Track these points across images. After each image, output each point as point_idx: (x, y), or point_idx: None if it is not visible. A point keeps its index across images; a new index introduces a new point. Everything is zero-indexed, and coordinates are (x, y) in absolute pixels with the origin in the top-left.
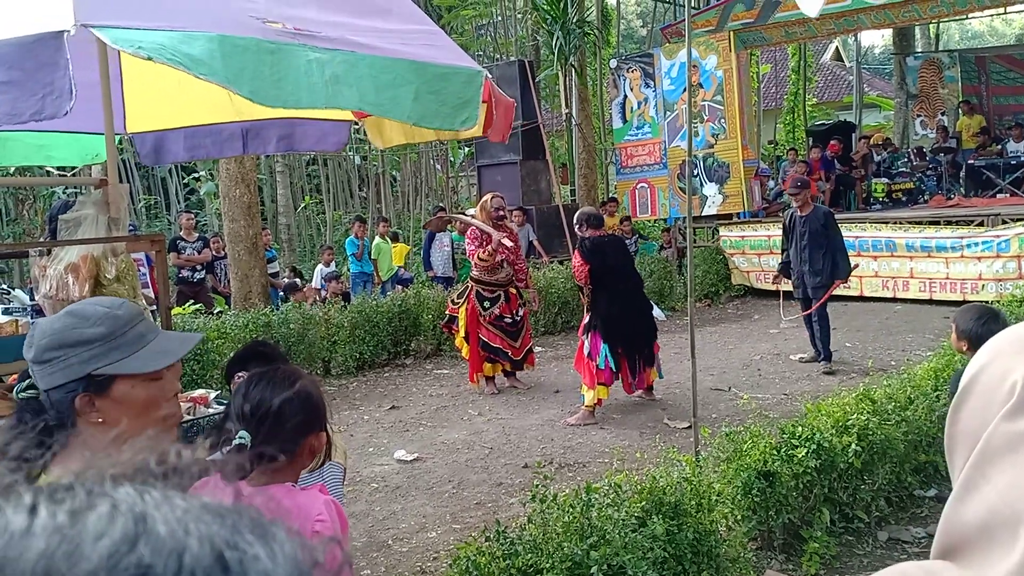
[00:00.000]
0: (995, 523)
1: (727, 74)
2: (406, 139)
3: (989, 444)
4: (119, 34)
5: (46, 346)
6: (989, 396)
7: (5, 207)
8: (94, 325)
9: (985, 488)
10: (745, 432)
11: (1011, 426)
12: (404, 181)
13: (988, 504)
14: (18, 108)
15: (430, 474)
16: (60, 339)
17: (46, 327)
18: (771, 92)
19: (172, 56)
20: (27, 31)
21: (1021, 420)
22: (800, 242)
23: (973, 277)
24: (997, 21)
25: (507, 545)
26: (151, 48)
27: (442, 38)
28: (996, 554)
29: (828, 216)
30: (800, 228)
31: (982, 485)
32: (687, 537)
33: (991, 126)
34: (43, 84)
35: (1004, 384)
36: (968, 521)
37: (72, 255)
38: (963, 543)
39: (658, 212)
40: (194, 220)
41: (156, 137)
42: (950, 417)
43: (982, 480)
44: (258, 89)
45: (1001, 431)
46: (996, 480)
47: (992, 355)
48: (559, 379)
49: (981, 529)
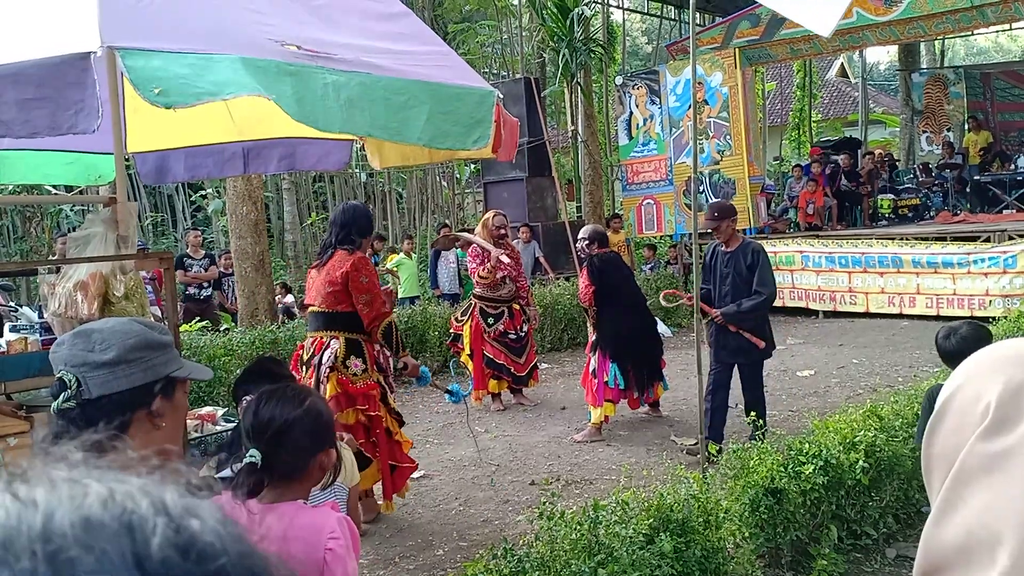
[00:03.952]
0: (973, 545)
1: (732, 91)
2: (402, 161)
3: (964, 465)
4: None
5: (133, 346)
6: (963, 418)
7: (12, 225)
8: (161, 333)
9: (963, 510)
10: (752, 449)
11: (986, 446)
12: (410, 198)
13: (966, 526)
14: (57, 121)
15: (437, 491)
16: (146, 340)
17: (121, 329)
18: (776, 109)
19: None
20: (54, 52)
21: (995, 441)
22: (722, 285)
23: (980, 293)
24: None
25: (515, 563)
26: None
27: (454, 59)
28: (980, 570)
29: (757, 255)
30: (723, 268)
31: (959, 507)
32: (695, 554)
33: (996, 142)
34: (74, 101)
35: (978, 405)
36: (947, 543)
37: (81, 273)
38: (943, 565)
39: (664, 228)
40: (201, 238)
41: (157, 157)
42: (926, 439)
43: (959, 502)
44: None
45: (976, 452)
46: (972, 502)
47: (966, 376)
48: (565, 396)
49: (959, 551)
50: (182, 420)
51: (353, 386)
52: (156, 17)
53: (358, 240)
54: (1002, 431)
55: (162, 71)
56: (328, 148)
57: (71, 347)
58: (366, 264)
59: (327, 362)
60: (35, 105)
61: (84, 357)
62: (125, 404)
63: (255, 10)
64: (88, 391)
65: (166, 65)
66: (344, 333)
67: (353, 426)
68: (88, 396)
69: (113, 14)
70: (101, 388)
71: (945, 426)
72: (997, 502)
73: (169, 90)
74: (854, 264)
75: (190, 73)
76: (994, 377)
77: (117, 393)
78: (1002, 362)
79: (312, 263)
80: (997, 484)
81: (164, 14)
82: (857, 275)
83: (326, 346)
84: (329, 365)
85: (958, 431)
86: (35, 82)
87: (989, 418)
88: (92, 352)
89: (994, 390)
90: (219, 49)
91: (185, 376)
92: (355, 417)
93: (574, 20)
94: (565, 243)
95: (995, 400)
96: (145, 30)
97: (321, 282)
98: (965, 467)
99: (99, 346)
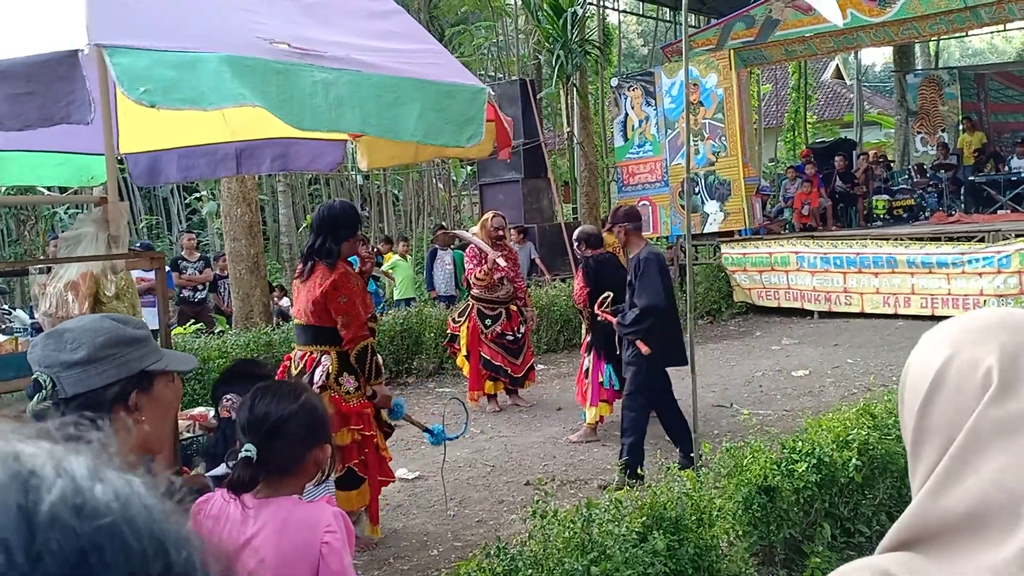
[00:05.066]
0: (988, 509)
1: (727, 92)
2: (389, 161)
3: (976, 432)
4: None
5: (104, 343)
6: (962, 385)
7: (7, 228)
8: (136, 328)
9: (972, 476)
10: (746, 447)
11: (997, 411)
12: (406, 200)
13: (977, 491)
14: (47, 112)
15: (432, 492)
16: (117, 337)
17: (91, 327)
18: (772, 111)
19: (178, 96)
20: (41, 50)
21: (1007, 403)
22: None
23: (975, 293)
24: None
25: (507, 561)
26: (156, 90)
27: (445, 56)
28: (991, 539)
29: (641, 264)
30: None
31: (967, 474)
32: (688, 552)
33: (991, 143)
34: (64, 94)
35: (977, 372)
36: (950, 510)
37: (72, 273)
38: (940, 533)
39: (660, 230)
40: (195, 240)
41: (150, 158)
42: (919, 412)
43: (966, 469)
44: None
45: (989, 417)
46: (983, 467)
47: (955, 347)
48: (561, 397)
49: (967, 517)
50: (167, 414)
51: (347, 405)
52: (144, 15)
53: (335, 250)
54: (1011, 395)
55: (148, 71)
56: (321, 148)
57: (44, 348)
58: (346, 282)
59: (319, 381)
60: (26, 99)
61: (56, 357)
62: (101, 401)
63: (245, 8)
64: (63, 390)
65: (153, 65)
66: (335, 347)
67: (348, 446)
68: (63, 395)
69: (101, 12)
70: (75, 387)
71: (942, 396)
72: (1015, 463)
73: (154, 90)
74: (849, 265)
75: (175, 76)
76: (987, 344)
77: (91, 391)
78: (991, 329)
79: (296, 271)
80: (1015, 447)
81: (153, 12)
82: (852, 275)
83: (317, 362)
84: (320, 384)
85: (957, 400)
86: (24, 78)
87: (995, 384)
88: (63, 352)
89: (991, 356)
90: (208, 47)
91: (163, 368)
92: (350, 437)
93: (568, 21)
94: (561, 245)
95: (996, 365)
96: (133, 28)
97: (304, 298)
98: (976, 433)
99: (70, 345)
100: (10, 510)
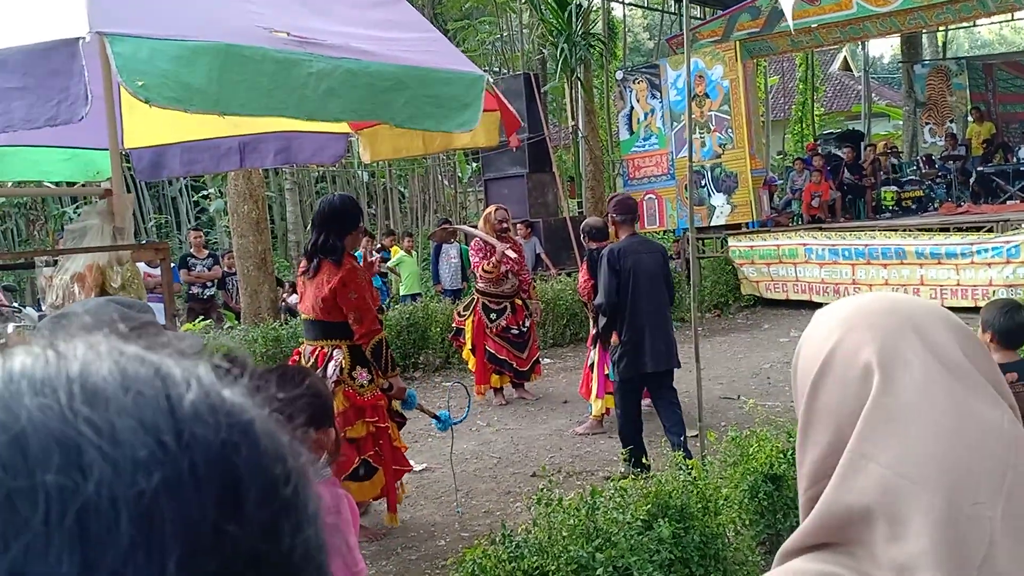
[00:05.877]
0: (892, 499)
1: (733, 84)
2: (394, 154)
3: (866, 422)
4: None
5: None
6: (845, 372)
7: (16, 228)
8: (140, 311)
9: (869, 467)
10: (752, 436)
11: (888, 400)
12: (412, 197)
13: (879, 482)
14: (33, 113)
15: (439, 483)
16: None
17: (96, 311)
18: (779, 103)
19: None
20: (42, 38)
21: (897, 393)
22: None
23: (984, 283)
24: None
25: (512, 548)
26: (152, 85)
27: (443, 44)
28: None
29: (601, 260)
30: None
31: (865, 464)
32: (694, 540)
33: (999, 133)
34: (58, 90)
35: (857, 359)
36: (856, 503)
37: (78, 265)
38: (847, 528)
39: (666, 223)
40: (203, 237)
41: (153, 152)
42: (809, 391)
43: (863, 460)
44: (249, 101)
45: (881, 406)
46: (879, 456)
47: (844, 330)
48: (567, 390)
49: (874, 509)
50: None
51: (361, 398)
52: (146, 4)
53: (339, 245)
54: (898, 385)
55: (146, 64)
56: (323, 141)
57: (51, 332)
58: (354, 277)
59: (332, 375)
60: (16, 96)
61: None
62: None
63: None
64: None
65: (152, 58)
66: (346, 341)
67: (363, 438)
68: None
69: (103, 1)
70: None
71: (828, 382)
72: (915, 450)
73: (150, 85)
74: (858, 256)
75: (171, 69)
76: (871, 331)
77: None
78: (878, 315)
79: (300, 268)
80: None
81: (154, 1)
82: (861, 267)
83: (329, 357)
84: (334, 379)
85: (841, 386)
86: (20, 70)
87: (877, 376)
88: None
89: (871, 347)
90: (208, 36)
91: None
92: (365, 430)
93: (572, 13)
94: (566, 239)
95: (875, 356)
96: (134, 17)
97: (312, 295)
98: (867, 424)
99: None
100: (159, 401)
